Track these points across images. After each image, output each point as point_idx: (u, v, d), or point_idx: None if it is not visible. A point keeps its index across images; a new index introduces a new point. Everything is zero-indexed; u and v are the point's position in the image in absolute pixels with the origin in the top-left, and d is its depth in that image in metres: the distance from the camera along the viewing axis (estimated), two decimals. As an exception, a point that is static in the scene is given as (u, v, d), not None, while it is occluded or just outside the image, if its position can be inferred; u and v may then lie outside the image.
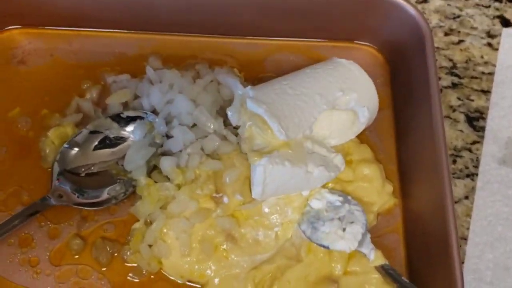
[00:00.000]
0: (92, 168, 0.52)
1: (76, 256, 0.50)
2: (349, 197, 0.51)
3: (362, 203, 0.51)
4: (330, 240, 0.49)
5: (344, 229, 0.49)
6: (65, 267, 0.50)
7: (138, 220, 0.51)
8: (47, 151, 0.53)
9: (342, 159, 0.50)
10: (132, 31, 0.60)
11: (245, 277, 0.50)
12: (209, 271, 0.50)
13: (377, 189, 0.53)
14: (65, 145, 0.51)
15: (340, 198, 0.50)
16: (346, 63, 0.53)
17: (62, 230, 0.51)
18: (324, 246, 0.49)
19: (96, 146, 0.53)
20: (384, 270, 0.47)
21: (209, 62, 0.58)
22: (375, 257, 0.48)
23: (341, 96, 0.51)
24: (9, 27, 0.59)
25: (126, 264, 0.50)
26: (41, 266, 0.50)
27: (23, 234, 0.51)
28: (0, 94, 0.57)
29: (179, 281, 0.50)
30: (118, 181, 0.52)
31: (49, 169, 0.52)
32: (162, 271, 0.50)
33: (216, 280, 0.50)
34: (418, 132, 0.54)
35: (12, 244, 0.51)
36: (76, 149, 0.52)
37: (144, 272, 0.50)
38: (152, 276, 0.50)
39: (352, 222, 0.49)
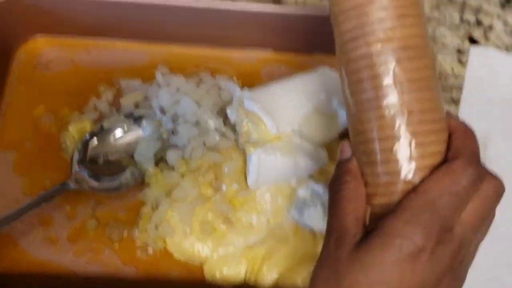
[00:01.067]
0: (108, 157, 0.59)
1: (91, 235, 0.57)
2: (331, 186, 0.58)
3: (343, 193, 0.59)
4: (314, 222, 0.56)
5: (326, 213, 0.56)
6: (81, 244, 0.56)
7: (146, 205, 0.58)
8: (68, 143, 0.60)
9: (325, 152, 0.58)
10: (143, 42, 0.67)
11: (240, 255, 0.56)
12: (207, 250, 0.57)
13: (356, 181, 0.60)
14: (85, 137, 0.59)
15: (323, 187, 0.58)
16: (329, 71, 0.61)
17: (79, 212, 0.58)
18: (309, 227, 0.56)
19: (111, 139, 0.60)
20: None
21: (211, 71, 0.66)
22: (352, 236, 0.55)
23: (324, 99, 0.58)
24: (35, 36, 0.66)
25: (135, 242, 0.57)
26: (60, 243, 0.56)
27: (44, 215, 0.57)
28: (26, 94, 0.63)
29: (181, 258, 0.56)
30: (129, 170, 0.59)
31: (69, 159, 0.59)
32: (166, 249, 0.56)
33: (214, 257, 0.56)
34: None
35: (35, 224, 0.57)
36: (95, 140, 0.59)
37: (150, 250, 0.56)
38: (157, 254, 0.56)
39: (333, 207, 0.56)
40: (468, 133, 0.36)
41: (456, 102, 0.68)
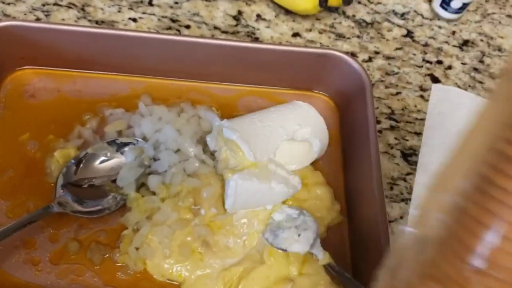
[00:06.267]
0: (92, 181, 0.61)
1: (73, 257, 0.58)
2: (304, 211, 0.62)
3: (315, 218, 0.62)
4: (287, 244, 0.59)
5: (299, 235, 0.59)
6: (63, 266, 0.58)
7: (127, 228, 0.61)
8: (53, 168, 0.62)
9: (299, 180, 0.62)
10: (127, 74, 0.71)
11: (216, 277, 0.59)
12: (186, 271, 0.59)
13: (327, 207, 0.64)
14: (70, 162, 0.61)
15: (297, 211, 0.61)
16: (303, 104, 0.66)
17: (61, 235, 0.60)
18: (282, 249, 0.59)
19: (95, 164, 0.62)
20: (331, 268, 0.58)
21: (192, 102, 0.70)
22: (323, 257, 0.58)
23: (298, 129, 0.63)
24: (23, 67, 0.69)
25: (116, 264, 0.59)
26: (42, 265, 0.58)
27: (27, 237, 0.59)
28: (13, 122, 0.66)
29: (160, 279, 0.59)
30: (112, 195, 0.62)
31: (52, 184, 0.61)
32: (146, 270, 0.58)
33: (192, 278, 0.59)
34: (360, 164, 0.66)
35: (18, 246, 0.58)
36: (79, 165, 0.61)
37: (130, 271, 0.58)
38: (137, 275, 0.58)
39: (305, 229, 0.60)
40: None
41: (419, 134, 0.74)
